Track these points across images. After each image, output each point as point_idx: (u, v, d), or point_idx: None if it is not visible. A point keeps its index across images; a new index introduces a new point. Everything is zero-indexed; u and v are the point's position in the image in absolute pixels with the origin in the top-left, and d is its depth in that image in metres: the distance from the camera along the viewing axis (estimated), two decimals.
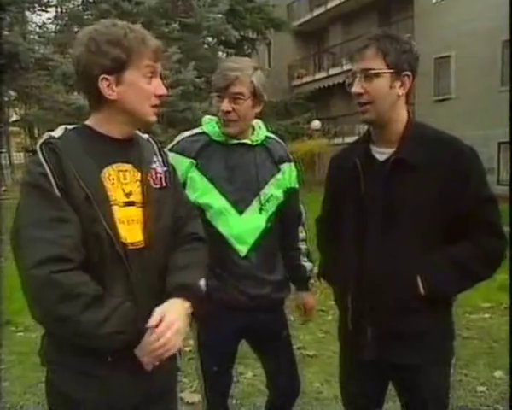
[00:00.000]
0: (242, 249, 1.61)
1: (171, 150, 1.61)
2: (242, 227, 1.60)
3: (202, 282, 1.21)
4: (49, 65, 10.11)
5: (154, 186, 1.19)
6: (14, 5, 12.27)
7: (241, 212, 1.60)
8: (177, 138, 1.67)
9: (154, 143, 1.28)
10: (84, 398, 1.12)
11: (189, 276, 1.19)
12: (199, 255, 1.27)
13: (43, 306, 1.04)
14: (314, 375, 2.80)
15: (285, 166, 1.71)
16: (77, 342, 1.08)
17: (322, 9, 18.57)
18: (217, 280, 1.59)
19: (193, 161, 1.60)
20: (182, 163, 1.58)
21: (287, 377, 1.80)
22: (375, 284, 1.35)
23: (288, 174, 1.71)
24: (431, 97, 13.79)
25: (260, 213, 1.62)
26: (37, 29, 14.19)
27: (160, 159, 1.24)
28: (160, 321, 1.07)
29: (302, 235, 1.82)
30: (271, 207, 1.65)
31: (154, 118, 1.17)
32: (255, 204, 1.61)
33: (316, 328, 3.63)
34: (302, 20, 19.47)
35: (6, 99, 13.87)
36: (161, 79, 1.16)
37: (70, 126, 1.16)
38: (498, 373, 2.76)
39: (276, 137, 1.77)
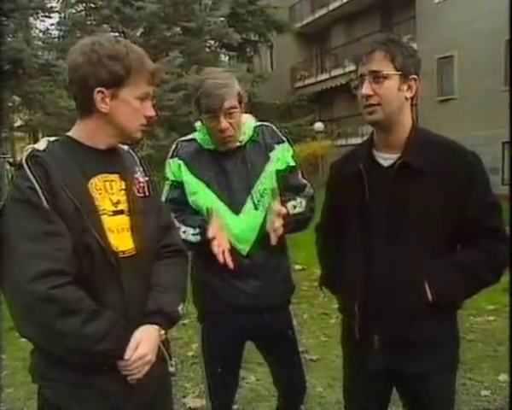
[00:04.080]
0: (244, 248, 1.62)
1: (172, 157, 1.68)
2: (241, 226, 1.61)
3: (180, 307, 1.25)
4: (53, 70, 10.16)
5: (138, 195, 1.22)
6: (19, 11, 12.34)
7: (237, 212, 1.62)
8: (173, 146, 1.73)
9: (134, 153, 1.31)
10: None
11: (169, 301, 1.22)
12: (180, 272, 1.31)
13: (38, 321, 1.04)
14: (317, 379, 2.79)
15: (275, 152, 1.68)
16: (68, 359, 1.08)
17: (324, 11, 18.57)
18: (220, 280, 1.62)
19: (182, 162, 1.65)
20: (178, 165, 1.66)
21: (293, 379, 1.80)
22: (383, 291, 1.34)
23: (279, 156, 1.68)
24: (434, 98, 13.72)
25: (256, 209, 1.63)
26: (41, 35, 14.24)
27: (142, 169, 1.27)
28: (136, 348, 1.11)
29: (296, 202, 1.66)
30: (267, 201, 1.63)
31: (140, 134, 1.21)
32: (249, 203, 1.63)
33: (319, 332, 3.62)
34: (304, 21, 19.47)
35: (11, 105, 13.94)
36: (151, 100, 1.20)
37: (52, 139, 1.17)
38: (503, 377, 2.73)
39: (265, 123, 1.75)
